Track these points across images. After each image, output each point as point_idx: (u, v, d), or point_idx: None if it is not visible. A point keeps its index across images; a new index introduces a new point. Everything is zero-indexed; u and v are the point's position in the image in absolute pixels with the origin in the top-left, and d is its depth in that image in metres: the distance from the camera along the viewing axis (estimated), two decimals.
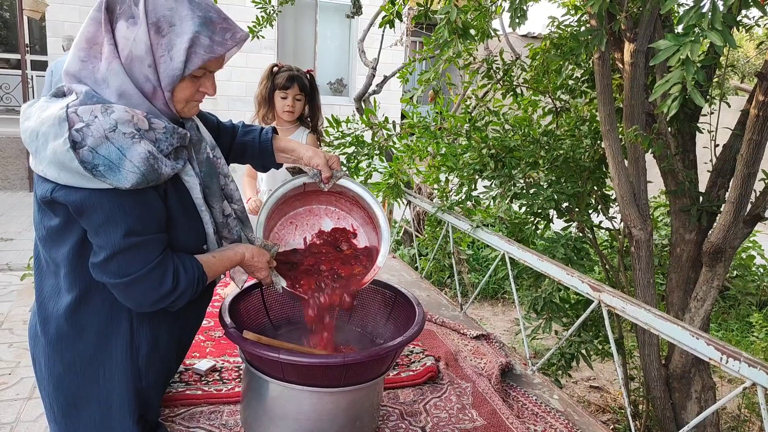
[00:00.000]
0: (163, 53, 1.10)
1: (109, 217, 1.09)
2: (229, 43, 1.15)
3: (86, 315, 1.20)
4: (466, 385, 1.95)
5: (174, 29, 1.10)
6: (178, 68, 1.11)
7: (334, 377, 1.36)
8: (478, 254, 5.41)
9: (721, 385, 3.68)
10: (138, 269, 1.13)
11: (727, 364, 1.44)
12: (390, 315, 1.71)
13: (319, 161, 1.52)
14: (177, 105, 1.18)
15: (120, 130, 1.06)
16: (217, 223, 1.32)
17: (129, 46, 1.09)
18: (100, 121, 1.05)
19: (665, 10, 1.36)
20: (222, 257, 1.32)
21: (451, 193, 3.04)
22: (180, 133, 1.18)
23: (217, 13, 1.15)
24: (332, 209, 1.73)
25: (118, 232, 1.10)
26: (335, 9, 9.76)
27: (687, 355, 2.44)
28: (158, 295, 1.16)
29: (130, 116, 1.08)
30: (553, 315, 2.57)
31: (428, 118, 3.02)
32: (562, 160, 2.66)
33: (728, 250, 2.21)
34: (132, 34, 1.09)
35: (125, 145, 1.06)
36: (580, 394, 3.70)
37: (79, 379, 1.24)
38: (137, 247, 1.12)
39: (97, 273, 1.14)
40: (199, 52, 1.12)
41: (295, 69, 2.47)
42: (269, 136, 1.55)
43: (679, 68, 1.23)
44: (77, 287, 1.18)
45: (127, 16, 1.09)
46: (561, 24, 2.92)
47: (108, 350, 1.23)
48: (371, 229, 1.71)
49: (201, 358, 1.99)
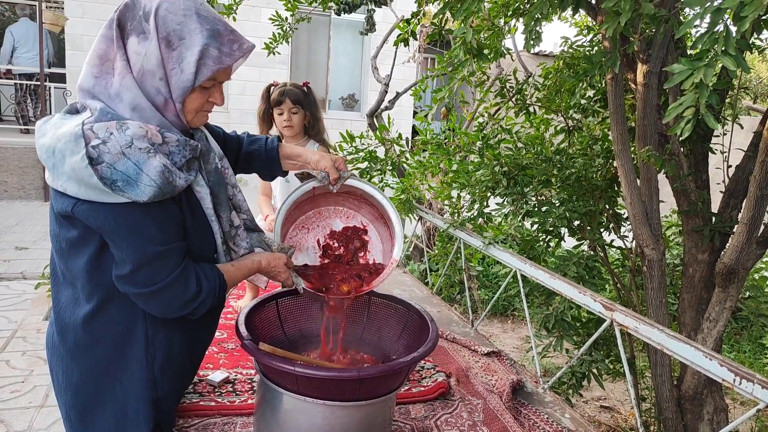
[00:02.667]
0: (173, 66, 1.14)
1: (132, 230, 1.12)
2: (237, 54, 1.19)
3: (103, 324, 1.23)
4: (477, 402, 1.95)
5: (184, 42, 1.13)
6: (189, 80, 1.15)
7: (349, 391, 1.37)
8: (488, 271, 5.40)
9: (734, 407, 3.64)
10: (164, 278, 1.16)
11: (740, 385, 1.44)
12: (403, 331, 1.73)
13: (327, 164, 1.56)
14: (187, 116, 1.22)
15: (135, 146, 1.09)
16: (225, 233, 1.34)
17: (141, 61, 1.13)
18: (116, 137, 1.08)
19: (680, 35, 1.38)
20: (240, 266, 1.36)
21: (462, 209, 3.06)
22: (192, 144, 1.21)
23: (224, 25, 1.19)
24: (341, 209, 1.77)
25: (141, 244, 1.13)
26: (348, 25, 9.88)
27: (699, 376, 2.43)
28: (183, 301, 1.20)
29: (145, 131, 1.11)
30: (565, 333, 2.57)
31: (441, 135, 3.05)
32: (574, 179, 2.68)
33: (741, 271, 2.20)
34: (143, 49, 1.12)
35: (141, 160, 1.09)
36: (591, 413, 3.67)
37: (96, 387, 1.26)
38: (162, 257, 1.15)
39: (123, 285, 1.16)
40: (209, 64, 1.15)
41: (289, 84, 2.52)
42: (275, 144, 1.59)
43: (692, 91, 1.25)
44: (95, 297, 1.21)
45: (138, 32, 1.13)
46: (573, 44, 2.95)
47: (124, 359, 1.25)
48: (382, 225, 1.74)
49: (215, 369, 2.00)
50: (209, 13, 1.18)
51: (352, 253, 1.75)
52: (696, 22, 1.29)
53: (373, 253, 1.77)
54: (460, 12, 1.91)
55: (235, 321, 1.52)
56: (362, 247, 1.76)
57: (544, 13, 1.78)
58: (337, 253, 1.73)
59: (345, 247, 1.74)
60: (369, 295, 1.80)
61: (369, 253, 1.77)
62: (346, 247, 1.74)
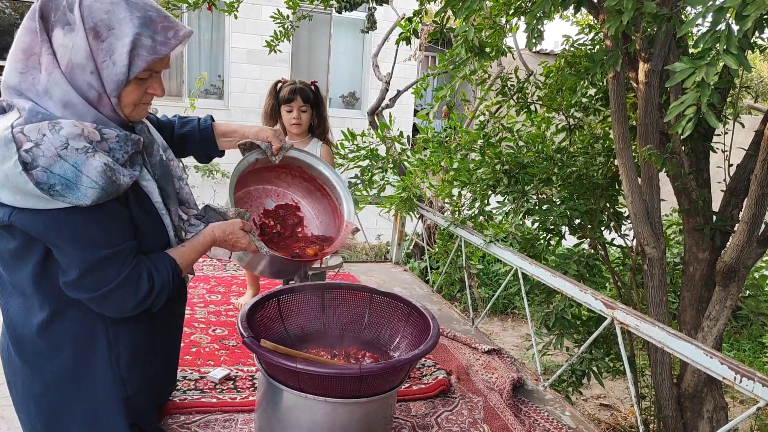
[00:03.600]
0: (104, 58, 1.06)
1: (75, 236, 1.07)
2: (173, 42, 1.11)
3: (61, 330, 1.18)
4: (478, 400, 1.96)
5: (113, 33, 1.05)
6: (122, 72, 1.07)
7: (350, 388, 1.38)
8: (489, 269, 5.41)
9: (733, 405, 3.64)
10: (112, 280, 1.11)
11: (740, 383, 1.44)
12: (404, 328, 1.73)
13: (268, 134, 1.54)
14: (125, 110, 1.14)
15: (72, 146, 1.02)
16: (176, 227, 1.29)
17: (68, 54, 1.05)
18: (49, 139, 1.01)
19: (681, 34, 1.38)
20: (192, 244, 1.30)
21: (463, 207, 3.06)
22: (133, 139, 1.14)
23: (156, 11, 1.11)
24: (270, 188, 1.79)
25: (86, 250, 1.08)
26: (349, 23, 9.87)
27: (699, 374, 2.43)
28: (136, 299, 1.15)
29: (80, 130, 1.04)
30: (565, 331, 2.57)
31: (442, 133, 3.05)
32: (575, 177, 2.68)
33: (741, 269, 2.21)
34: (70, 41, 1.04)
35: (79, 161, 1.02)
36: (590, 411, 3.68)
37: (62, 395, 1.21)
38: (108, 260, 1.10)
39: (71, 291, 1.12)
40: (142, 54, 1.08)
41: (298, 82, 2.52)
42: (209, 123, 1.52)
43: (694, 90, 1.25)
44: (47, 306, 1.16)
45: (63, 23, 1.05)
46: (575, 43, 2.95)
47: (88, 362, 1.21)
48: (317, 199, 1.79)
49: (216, 366, 2.01)
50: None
51: (291, 228, 1.77)
52: (698, 21, 1.29)
53: (310, 227, 1.79)
54: (462, 10, 1.92)
55: (236, 318, 1.52)
56: (299, 223, 1.78)
57: (546, 12, 1.78)
58: (275, 231, 1.73)
59: (282, 224, 1.76)
60: (370, 293, 1.81)
61: (306, 228, 1.78)
62: (283, 224, 1.76)
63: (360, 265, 3.53)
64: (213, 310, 2.51)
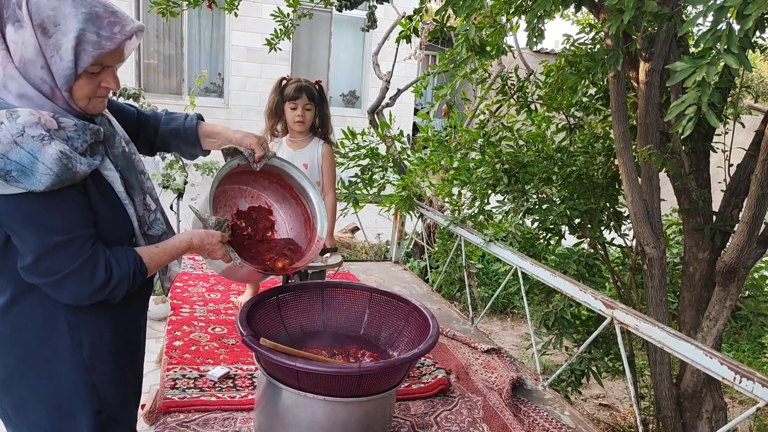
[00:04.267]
0: (52, 53, 1.09)
1: (30, 221, 1.09)
2: (118, 37, 1.12)
3: (22, 315, 1.20)
4: (477, 399, 1.96)
5: (59, 28, 1.08)
6: (69, 67, 1.10)
7: (349, 387, 1.38)
8: (488, 268, 5.40)
9: (732, 405, 3.64)
10: (67, 266, 1.13)
11: (740, 383, 1.44)
12: (404, 327, 1.73)
13: (252, 141, 1.53)
14: (79, 103, 1.17)
15: (28, 134, 1.05)
16: (140, 218, 1.30)
17: (20, 50, 1.08)
18: (6, 126, 1.04)
19: (682, 33, 1.38)
20: (166, 247, 1.32)
21: (463, 206, 3.06)
22: (92, 128, 1.17)
23: (104, 7, 1.12)
24: (245, 189, 1.78)
25: (40, 234, 1.10)
26: (349, 22, 9.86)
27: (698, 375, 2.43)
28: (92, 288, 1.17)
29: (37, 118, 1.07)
30: (564, 331, 2.57)
31: (442, 132, 3.05)
32: (575, 177, 2.68)
33: (741, 270, 2.20)
34: (20, 37, 1.08)
35: (35, 148, 1.05)
36: (590, 411, 3.68)
37: (25, 378, 1.23)
38: (63, 246, 1.12)
39: (27, 275, 1.14)
40: (88, 49, 1.10)
41: (303, 80, 2.51)
42: (194, 123, 1.53)
43: (694, 89, 1.25)
44: (8, 289, 1.18)
45: (14, 20, 1.08)
46: (575, 42, 2.94)
47: (49, 347, 1.22)
48: (290, 205, 1.80)
49: (215, 365, 2.01)
50: None
51: (262, 232, 1.77)
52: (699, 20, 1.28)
53: (280, 233, 1.80)
54: (463, 9, 1.91)
55: (236, 316, 1.52)
56: (270, 227, 1.79)
57: (547, 11, 1.78)
58: (245, 233, 1.74)
59: (253, 227, 1.76)
60: (370, 292, 1.81)
61: (276, 233, 1.79)
62: (254, 227, 1.76)
63: (360, 264, 3.53)
64: (212, 309, 2.51)
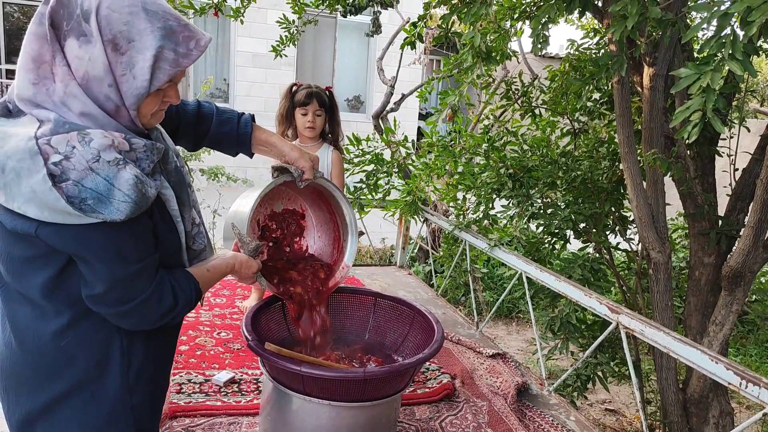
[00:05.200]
0: (124, 72, 1.01)
1: (105, 251, 1.03)
2: (195, 54, 1.07)
3: (77, 339, 1.13)
4: (482, 404, 1.96)
5: (133, 45, 1.00)
6: (143, 87, 1.03)
7: (354, 392, 1.38)
8: (493, 272, 5.40)
9: (740, 410, 3.62)
10: (138, 295, 1.08)
11: (746, 389, 1.44)
12: (408, 332, 1.73)
13: (305, 165, 1.48)
14: (142, 119, 1.10)
15: (103, 159, 0.98)
16: (187, 233, 1.25)
17: (84, 66, 1.00)
18: (79, 151, 0.96)
19: (687, 39, 1.38)
20: (215, 270, 1.30)
21: (468, 211, 3.07)
22: (158, 148, 1.11)
23: (176, 19, 1.05)
24: (284, 190, 1.74)
25: (115, 265, 1.04)
26: (354, 27, 9.90)
27: (705, 380, 2.42)
28: (158, 314, 1.13)
29: (110, 141, 0.99)
30: (570, 335, 2.57)
31: (446, 137, 3.05)
32: (579, 181, 2.68)
33: (747, 274, 2.20)
34: (86, 53, 0.99)
35: (111, 174, 0.98)
36: (596, 416, 3.66)
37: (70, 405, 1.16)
38: (137, 275, 1.08)
39: (94, 304, 1.08)
40: (165, 68, 1.03)
41: (314, 86, 2.53)
42: (249, 130, 1.46)
43: (699, 95, 1.25)
44: (63, 314, 1.11)
45: (78, 34, 0.99)
46: (580, 47, 2.95)
47: (100, 372, 1.17)
48: (329, 218, 1.77)
49: (220, 369, 2.02)
50: (158, 6, 1.03)
51: (290, 238, 1.75)
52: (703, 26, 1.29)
53: (307, 239, 1.78)
54: (469, 17, 1.92)
55: (241, 321, 1.53)
56: (300, 233, 1.76)
57: (552, 17, 1.78)
58: (274, 236, 1.71)
59: (282, 230, 1.73)
60: (375, 297, 1.81)
61: (303, 239, 1.77)
62: (284, 231, 1.74)
63: (364, 269, 3.53)
64: (218, 313, 2.52)
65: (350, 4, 3.60)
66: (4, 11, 9.49)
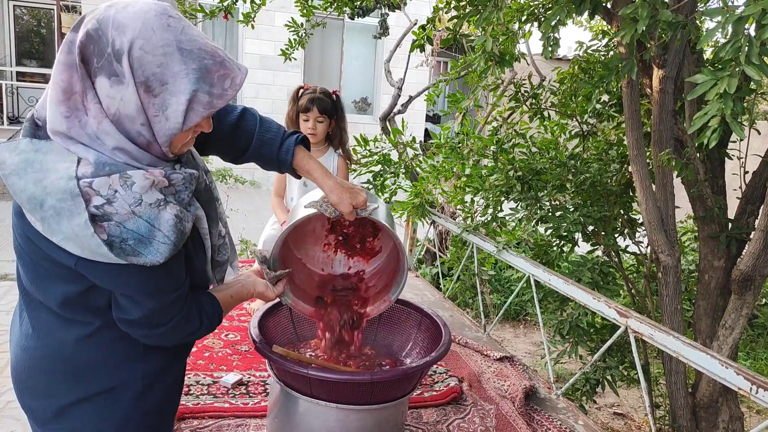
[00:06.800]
0: (156, 113, 0.99)
1: (144, 287, 1.05)
2: (230, 93, 1.03)
3: (101, 346, 1.14)
4: (490, 407, 1.95)
5: (167, 88, 0.98)
6: (176, 128, 1.01)
7: (362, 395, 1.38)
8: (500, 275, 5.38)
9: (749, 415, 3.59)
10: (170, 320, 1.12)
11: (756, 394, 1.42)
12: (416, 335, 1.73)
13: (345, 210, 1.37)
14: (173, 150, 1.09)
15: (146, 202, 0.98)
16: (213, 246, 1.25)
17: (116, 105, 0.98)
18: (122, 195, 0.96)
19: (701, 46, 1.37)
20: (237, 297, 1.34)
21: (476, 213, 3.06)
22: (195, 176, 1.10)
23: (211, 56, 1.01)
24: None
25: (154, 297, 1.07)
26: (362, 29, 9.92)
27: (714, 384, 2.40)
28: (184, 335, 1.17)
29: (151, 181, 0.99)
30: (579, 339, 2.55)
31: (454, 139, 3.05)
32: (589, 184, 2.67)
33: (758, 278, 2.18)
34: (118, 93, 0.97)
35: (152, 216, 0.99)
36: (604, 420, 3.64)
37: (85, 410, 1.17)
38: (173, 303, 1.11)
39: (126, 326, 1.10)
40: (198, 110, 1.01)
41: (319, 90, 2.50)
42: (288, 158, 1.37)
43: (716, 101, 1.24)
44: (89, 324, 1.12)
45: (110, 73, 0.96)
46: (588, 49, 2.94)
47: (119, 377, 1.18)
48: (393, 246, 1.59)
49: (228, 371, 2.02)
50: (193, 44, 1.00)
51: (362, 236, 1.61)
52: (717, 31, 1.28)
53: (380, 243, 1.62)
54: (480, 21, 1.92)
55: (249, 323, 1.53)
56: (374, 234, 1.60)
57: (561, 19, 1.78)
58: (345, 231, 1.60)
59: (356, 228, 1.59)
60: None
61: (378, 241, 1.61)
62: (357, 229, 1.59)
63: None
64: (226, 315, 2.52)
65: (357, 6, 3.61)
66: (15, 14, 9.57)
